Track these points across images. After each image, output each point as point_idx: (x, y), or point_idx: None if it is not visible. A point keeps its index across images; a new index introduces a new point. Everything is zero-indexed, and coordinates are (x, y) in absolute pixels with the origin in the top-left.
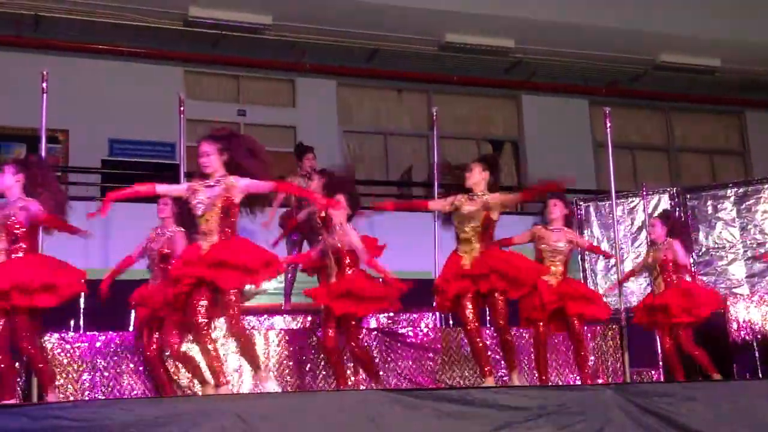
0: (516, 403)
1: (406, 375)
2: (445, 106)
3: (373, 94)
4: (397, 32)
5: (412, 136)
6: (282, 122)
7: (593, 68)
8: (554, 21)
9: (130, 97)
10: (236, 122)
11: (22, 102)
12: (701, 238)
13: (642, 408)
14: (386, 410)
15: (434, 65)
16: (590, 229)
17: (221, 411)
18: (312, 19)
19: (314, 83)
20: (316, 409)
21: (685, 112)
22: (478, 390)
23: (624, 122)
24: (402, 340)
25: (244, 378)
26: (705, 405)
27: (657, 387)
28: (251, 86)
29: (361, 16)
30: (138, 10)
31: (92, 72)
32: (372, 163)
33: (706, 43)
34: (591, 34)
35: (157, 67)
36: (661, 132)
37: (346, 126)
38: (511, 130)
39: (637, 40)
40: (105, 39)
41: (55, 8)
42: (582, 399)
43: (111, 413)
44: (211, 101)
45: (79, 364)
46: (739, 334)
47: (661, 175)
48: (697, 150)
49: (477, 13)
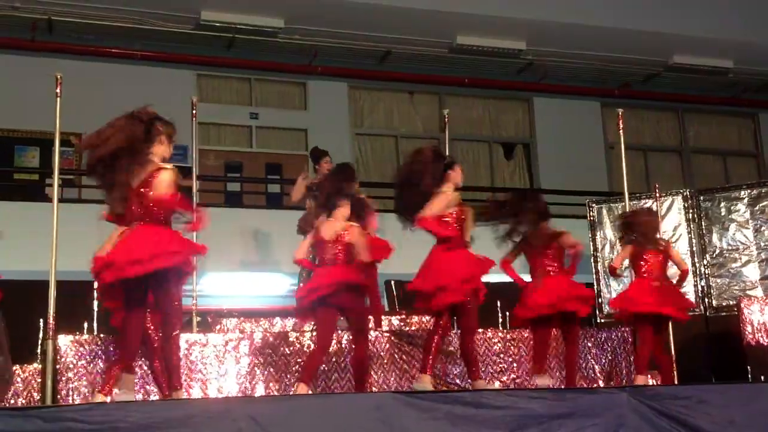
0: (530, 406)
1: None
2: (456, 108)
3: (384, 96)
4: (409, 34)
5: (424, 138)
6: (294, 125)
7: (605, 70)
8: (566, 22)
9: (143, 100)
10: (248, 125)
11: (36, 106)
12: (715, 239)
13: (656, 411)
14: (400, 413)
15: (446, 67)
16: (603, 231)
17: (235, 413)
18: (324, 21)
19: (326, 86)
20: (330, 411)
21: (699, 114)
22: (492, 393)
23: (637, 124)
24: (414, 342)
25: (257, 381)
26: (719, 408)
27: (671, 390)
28: (263, 89)
29: (373, 19)
30: (151, 13)
31: (105, 75)
32: (383, 166)
33: (719, 44)
34: (603, 35)
35: (170, 70)
36: (674, 133)
37: (358, 128)
38: (523, 132)
39: (650, 41)
40: (118, 43)
41: (68, 12)
42: (596, 402)
43: (125, 415)
44: (223, 104)
45: (93, 366)
46: (754, 336)
47: (674, 176)
48: (710, 151)
49: (488, 15)
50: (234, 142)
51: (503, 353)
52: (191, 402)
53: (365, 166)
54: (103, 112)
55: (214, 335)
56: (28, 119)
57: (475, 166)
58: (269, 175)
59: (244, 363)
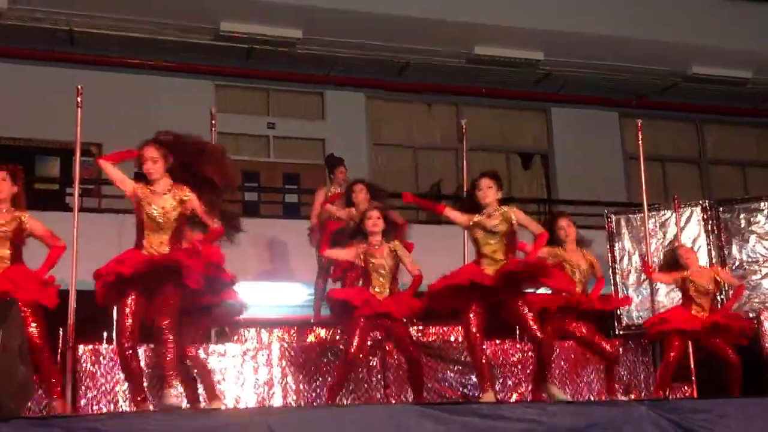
0: (548, 419)
1: (434, 389)
2: (474, 118)
3: (402, 107)
4: (427, 45)
5: (442, 149)
6: (311, 135)
7: (623, 80)
8: (584, 33)
9: (162, 110)
10: (266, 135)
11: (56, 116)
12: (734, 251)
13: (676, 424)
14: (416, 424)
15: (464, 78)
16: (621, 242)
17: (254, 423)
18: (341, 32)
19: (344, 96)
20: (347, 422)
21: (717, 124)
22: (509, 405)
23: (655, 134)
24: (432, 353)
25: (275, 391)
26: (739, 421)
27: (691, 403)
28: (281, 99)
29: (391, 30)
30: (169, 25)
31: (125, 86)
32: (401, 177)
33: (737, 54)
34: (621, 45)
35: (189, 81)
36: (693, 144)
37: (376, 139)
38: (540, 143)
39: (668, 51)
40: (137, 54)
41: (89, 24)
42: (616, 415)
43: (145, 425)
44: (241, 114)
45: (112, 375)
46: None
47: (692, 187)
48: (729, 162)
49: (506, 26)
50: (252, 152)
51: (521, 365)
52: (210, 413)
53: (382, 176)
54: (123, 123)
55: (232, 345)
56: (48, 129)
57: None
58: (287, 184)
59: (262, 373)
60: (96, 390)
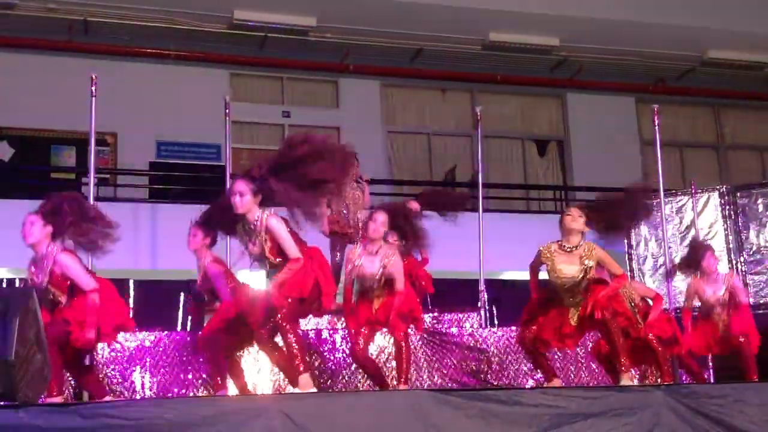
0: (564, 405)
1: (451, 375)
2: (489, 105)
3: (416, 93)
4: (441, 32)
5: (457, 135)
6: (326, 123)
7: (640, 65)
8: (599, 18)
9: (177, 99)
10: (280, 123)
11: (71, 106)
12: (752, 236)
13: (692, 409)
14: (434, 410)
15: (478, 64)
16: (638, 228)
17: (270, 410)
18: (356, 20)
19: (358, 84)
20: (364, 408)
21: (735, 109)
22: (526, 391)
23: (672, 119)
24: (447, 339)
25: None
26: (756, 406)
27: (707, 388)
28: (295, 87)
29: (405, 16)
30: (184, 13)
31: (140, 75)
32: (416, 163)
33: (755, 38)
34: (637, 30)
35: (203, 70)
36: (710, 129)
37: (390, 126)
38: (556, 129)
39: (685, 36)
40: (152, 42)
41: (103, 13)
42: (631, 400)
43: (162, 412)
44: (256, 103)
45: (129, 363)
46: None
47: (710, 172)
48: (747, 147)
49: (521, 12)
50: (266, 140)
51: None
52: (226, 399)
53: (397, 163)
54: (137, 112)
55: None
56: (64, 119)
57: (508, 163)
58: None
59: None
60: (114, 378)
